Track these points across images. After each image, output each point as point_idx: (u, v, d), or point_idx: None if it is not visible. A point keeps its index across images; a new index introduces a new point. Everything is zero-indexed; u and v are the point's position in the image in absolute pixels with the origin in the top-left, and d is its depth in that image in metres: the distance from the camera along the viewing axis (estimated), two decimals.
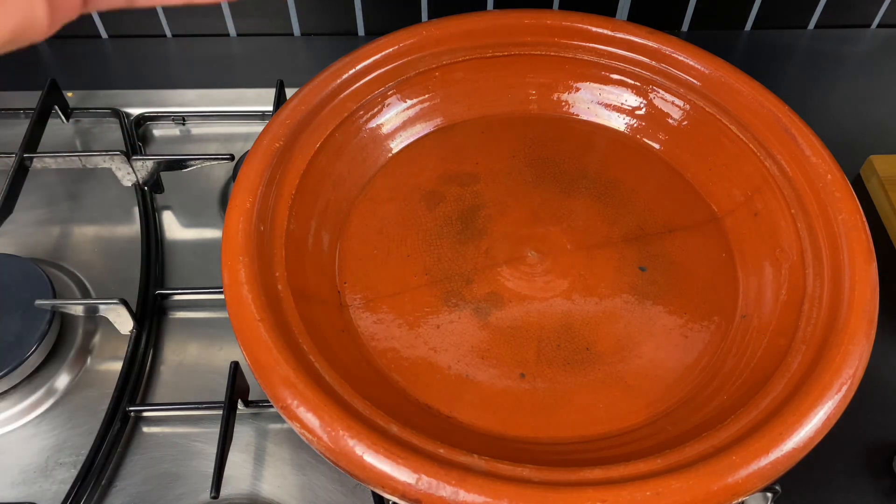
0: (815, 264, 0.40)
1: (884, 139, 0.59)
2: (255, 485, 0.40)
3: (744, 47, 0.65)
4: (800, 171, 0.42)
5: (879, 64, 0.64)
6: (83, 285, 0.48)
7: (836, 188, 0.41)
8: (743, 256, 0.44)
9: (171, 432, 0.42)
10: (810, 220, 0.41)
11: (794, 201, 0.42)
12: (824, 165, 0.42)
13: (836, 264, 0.38)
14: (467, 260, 0.44)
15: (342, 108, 0.46)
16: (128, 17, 0.63)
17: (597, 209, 0.46)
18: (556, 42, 0.49)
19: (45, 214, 0.52)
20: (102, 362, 0.44)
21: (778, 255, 0.42)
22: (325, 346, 0.38)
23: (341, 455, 0.32)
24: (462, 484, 0.31)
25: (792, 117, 0.44)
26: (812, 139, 0.43)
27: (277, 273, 0.39)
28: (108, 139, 0.56)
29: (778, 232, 0.43)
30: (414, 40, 0.48)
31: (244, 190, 0.41)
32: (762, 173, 0.45)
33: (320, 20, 0.64)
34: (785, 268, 0.42)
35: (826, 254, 0.39)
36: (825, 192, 0.41)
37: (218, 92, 0.59)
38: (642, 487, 0.31)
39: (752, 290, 0.42)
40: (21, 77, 0.61)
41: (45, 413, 0.42)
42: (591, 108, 0.51)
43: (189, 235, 0.51)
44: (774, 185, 0.44)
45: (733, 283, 0.43)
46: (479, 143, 0.49)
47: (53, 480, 0.40)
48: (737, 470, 0.32)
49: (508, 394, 0.38)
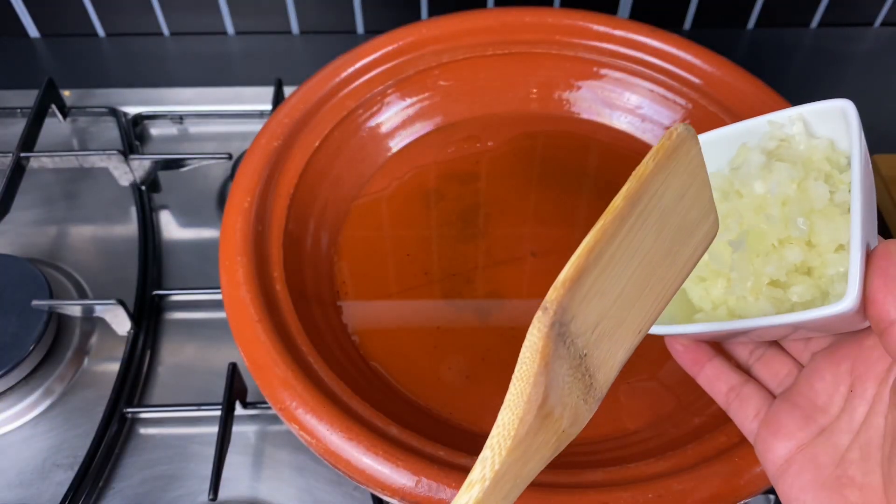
0: None
1: (887, 139, 0.58)
2: (253, 487, 0.39)
3: (746, 46, 0.65)
4: None
5: (882, 63, 0.64)
6: (80, 286, 0.47)
7: None
8: None
9: (169, 434, 0.41)
10: None
11: None
12: None
13: None
14: (467, 259, 0.43)
15: (341, 107, 0.46)
16: (125, 15, 0.63)
17: (598, 208, 0.46)
18: (557, 40, 0.49)
19: (41, 214, 0.51)
20: (100, 363, 0.44)
21: None
22: (324, 347, 0.37)
23: (340, 457, 0.32)
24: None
25: None
26: None
27: (276, 273, 0.38)
28: (106, 138, 0.56)
29: None
30: (413, 38, 0.48)
31: (242, 189, 0.41)
32: None
33: (319, 18, 0.64)
34: None
35: None
36: None
37: (216, 90, 0.59)
38: (644, 490, 0.31)
39: None
40: (18, 76, 0.61)
41: (42, 414, 0.42)
42: (593, 106, 0.50)
43: (187, 235, 0.51)
44: None
45: None
46: (480, 142, 0.49)
47: (50, 482, 0.39)
48: (739, 472, 0.31)
49: None
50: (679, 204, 0.24)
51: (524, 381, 0.21)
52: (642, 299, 0.24)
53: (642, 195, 0.23)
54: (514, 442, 0.21)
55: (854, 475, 0.24)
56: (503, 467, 0.21)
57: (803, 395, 0.27)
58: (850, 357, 0.26)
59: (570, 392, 0.22)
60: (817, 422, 0.26)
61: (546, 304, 0.21)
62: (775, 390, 0.29)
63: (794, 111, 0.29)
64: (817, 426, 0.26)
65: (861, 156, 0.26)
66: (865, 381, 0.25)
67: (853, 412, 0.25)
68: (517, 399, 0.21)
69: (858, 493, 0.24)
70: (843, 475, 0.25)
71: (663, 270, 0.24)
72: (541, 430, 0.22)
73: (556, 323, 0.21)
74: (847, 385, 0.25)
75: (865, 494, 0.24)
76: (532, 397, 0.21)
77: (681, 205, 0.24)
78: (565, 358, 0.22)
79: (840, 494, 0.24)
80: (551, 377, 0.21)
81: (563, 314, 0.21)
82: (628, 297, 0.23)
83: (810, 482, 0.25)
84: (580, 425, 0.23)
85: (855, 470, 0.24)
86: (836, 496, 0.24)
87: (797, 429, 0.26)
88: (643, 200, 0.23)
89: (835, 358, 0.26)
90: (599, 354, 0.23)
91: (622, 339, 0.24)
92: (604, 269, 0.22)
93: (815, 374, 0.27)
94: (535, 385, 0.21)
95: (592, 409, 0.24)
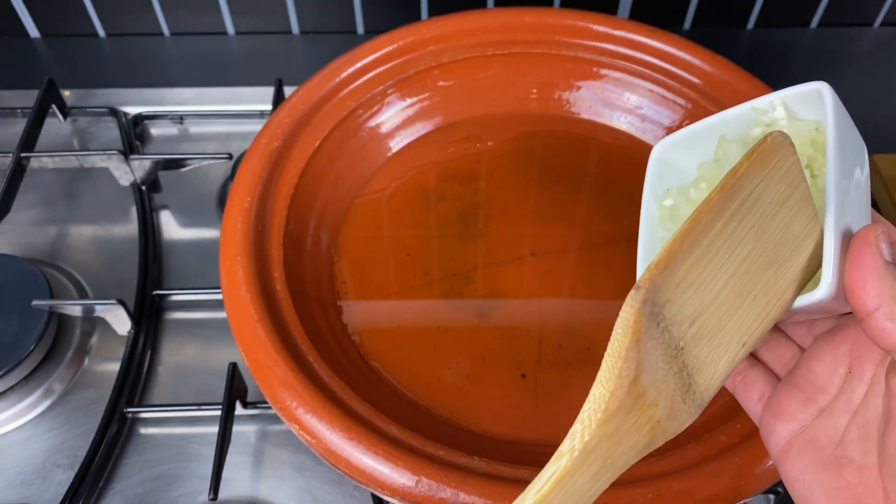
0: None
1: (886, 139, 0.58)
2: (253, 487, 0.40)
3: (746, 46, 0.65)
4: None
5: (882, 63, 0.64)
6: (80, 286, 0.47)
7: None
8: None
9: (169, 433, 0.41)
10: None
11: None
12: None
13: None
14: (467, 259, 0.43)
15: (341, 107, 0.46)
16: (125, 15, 0.63)
17: (598, 208, 0.46)
18: (557, 40, 0.49)
19: (42, 214, 0.51)
20: (100, 363, 0.44)
21: None
22: (324, 346, 0.37)
23: (340, 457, 0.32)
24: (463, 486, 0.31)
25: None
26: None
27: (276, 273, 0.38)
28: (106, 138, 0.56)
29: None
30: (414, 38, 0.48)
31: (242, 189, 0.41)
32: None
33: (319, 18, 0.64)
34: None
35: None
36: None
37: (216, 90, 0.59)
38: (643, 490, 0.31)
39: None
40: (18, 76, 0.61)
41: (43, 414, 0.42)
42: (593, 106, 0.50)
43: (187, 235, 0.51)
44: None
45: None
46: (480, 142, 0.49)
47: (51, 482, 0.39)
48: (740, 472, 0.31)
49: (509, 395, 0.38)
50: (779, 212, 0.24)
51: (616, 356, 0.21)
52: (745, 308, 0.24)
53: (737, 192, 0.23)
54: (605, 416, 0.21)
55: (852, 455, 0.25)
56: (592, 440, 0.21)
57: (804, 377, 0.27)
58: (849, 339, 0.26)
59: (665, 380, 0.22)
60: (817, 403, 0.26)
61: (639, 283, 0.21)
62: (780, 373, 0.30)
63: (775, 96, 0.29)
64: (817, 407, 0.26)
65: (837, 138, 0.26)
66: (864, 363, 0.25)
67: (851, 393, 0.25)
68: (608, 374, 0.22)
69: (856, 473, 0.24)
70: (843, 455, 0.25)
71: (767, 282, 0.24)
72: (632, 409, 0.22)
73: (648, 301, 0.21)
74: (846, 366, 0.26)
75: (863, 474, 0.24)
76: (623, 372, 0.21)
77: (781, 213, 0.24)
78: (658, 340, 0.22)
79: (838, 474, 0.25)
80: (643, 356, 0.21)
81: (655, 294, 0.21)
82: (729, 301, 0.23)
83: (810, 462, 0.26)
84: (678, 423, 0.23)
85: (853, 450, 0.25)
86: (835, 476, 0.25)
87: (797, 410, 0.27)
88: (738, 197, 0.23)
89: (835, 340, 0.27)
90: (699, 354, 0.23)
91: (724, 346, 0.24)
92: (699, 260, 0.22)
93: (815, 356, 0.27)
94: (626, 360, 0.21)
95: (692, 413, 0.24)
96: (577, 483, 0.21)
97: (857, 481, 0.24)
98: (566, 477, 0.21)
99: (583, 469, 0.21)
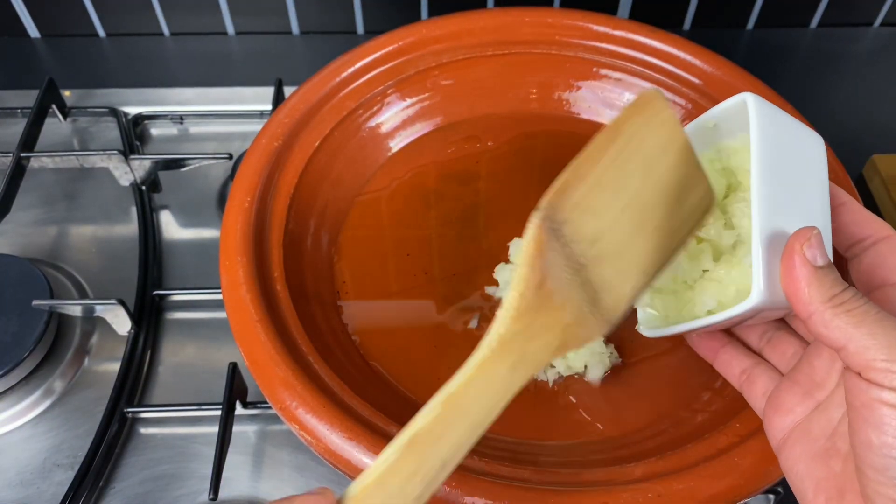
0: None
1: (886, 138, 0.58)
2: (253, 486, 0.40)
3: (746, 46, 0.65)
4: None
5: (882, 63, 0.64)
6: (80, 285, 0.47)
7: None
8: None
9: (169, 433, 0.41)
10: None
11: None
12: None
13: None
14: (467, 259, 0.43)
15: (341, 107, 0.46)
16: (125, 15, 0.63)
17: None
18: (556, 40, 0.49)
19: (42, 214, 0.51)
20: (100, 363, 0.44)
21: None
22: (324, 346, 0.37)
23: (340, 457, 0.32)
24: (463, 486, 0.31)
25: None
26: None
27: (276, 273, 0.38)
28: (106, 138, 0.56)
29: None
30: (414, 38, 0.48)
31: (242, 189, 0.41)
32: None
33: (319, 18, 0.64)
34: None
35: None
36: None
37: (216, 91, 0.59)
38: (644, 489, 0.31)
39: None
40: (18, 76, 0.61)
41: (43, 414, 0.42)
42: (593, 106, 0.50)
43: (187, 235, 0.51)
44: None
45: None
46: (479, 142, 0.49)
47: (51, 482, 0.39)
48: (740, 472, 0.31)
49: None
50: (662, 158, 0.28)
51: (523, 264, 0.25)
52: (643, 240, 0.28)
53: (620, 134, 0.27)
54: (517, 313, 0.25)
55: (841, 447, 0.26)
56: (507, 334, 0.25)
57: (804, 372, 0.29)
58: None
59: (571, 289, 0.26)
60: (814, 397, 0.28)
61: (540, 205, 0.26)
62: (784, 370, 0.31)
63: (707, 116, 0.31)
64: (814, 401, 0.28)
65: (763, 147, 0.27)
66: None
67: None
68: (518, 279, 0.25)
69: (841, 463, 0.26)
70: (832, 447, 0.26)
71: (661, 220, 0.28)
72: (541, 310, 0.25)
73: (547, 218, 0.26)
74: (842, 362, 0.26)
75: (846, 465, 0.25)
76: (528, 276, 0.25)
77: (665, 159, 0.28)
78: (559, 252, 0.26)
79: (826, 465, 0.26)
80: (547, 264, 0.25)
81: (553, 212, 0.26)
82: (626, 231, 0.27)
83: (803, 453, 0.27)
84: (588, 331, 0.27)
85: (842, 442, 0.26)
86: (823, 466, 0.26)
87: (796, 404, 0.28)
88: (621, 138, 0.27)
89: None
90: (602, 274, 0.27)
91: (627, 273, 0.27)
92: (592, 189, 0.27)
93: (815, 352, 0.29)
94: (531, 267, 0.25)
95: (602, 326, 0.27)
96: (498, 372, 0.25)
97: (841, 471, 0.25)
98: (486, 364, 0.24)
99: (501, 359, 0.25)
